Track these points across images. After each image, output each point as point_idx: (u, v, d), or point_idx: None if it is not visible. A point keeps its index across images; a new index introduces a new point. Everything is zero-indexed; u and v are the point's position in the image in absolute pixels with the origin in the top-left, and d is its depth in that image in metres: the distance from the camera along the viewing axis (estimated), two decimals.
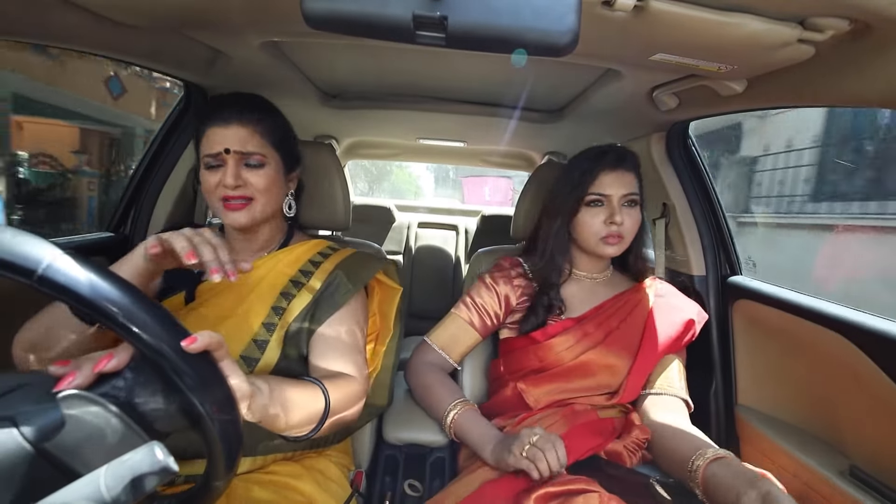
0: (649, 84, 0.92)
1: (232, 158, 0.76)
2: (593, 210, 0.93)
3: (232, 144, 0.75)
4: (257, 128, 0.78)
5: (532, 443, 0.71)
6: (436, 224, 2.66)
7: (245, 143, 0.76)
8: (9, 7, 0.62)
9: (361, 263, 0.89)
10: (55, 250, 0.38)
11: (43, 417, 0.36)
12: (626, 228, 0.92)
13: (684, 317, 0.97)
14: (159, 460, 0.36)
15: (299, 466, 0.77)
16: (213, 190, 0.76)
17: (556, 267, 0.97)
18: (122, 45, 0.80)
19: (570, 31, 0.40)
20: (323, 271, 0.84)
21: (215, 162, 0.77)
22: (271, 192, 0.80)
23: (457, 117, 1.41)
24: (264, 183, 0.78)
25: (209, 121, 0.77)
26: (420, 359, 0.99)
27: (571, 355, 0.92)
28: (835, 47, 0.59)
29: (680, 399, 0.92)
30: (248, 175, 0.77)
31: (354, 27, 0.41)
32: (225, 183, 0.75)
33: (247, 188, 0.77)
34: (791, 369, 0.97)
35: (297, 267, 0.84)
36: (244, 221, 0.77)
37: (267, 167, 0.79)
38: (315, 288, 0.82)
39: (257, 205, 0.78)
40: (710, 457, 0.73)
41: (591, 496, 0.64)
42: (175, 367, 0.39)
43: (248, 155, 0.77)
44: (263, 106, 0.82)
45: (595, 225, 0.92)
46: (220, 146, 0.75)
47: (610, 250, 0.93)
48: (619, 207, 0.91)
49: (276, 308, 0.79)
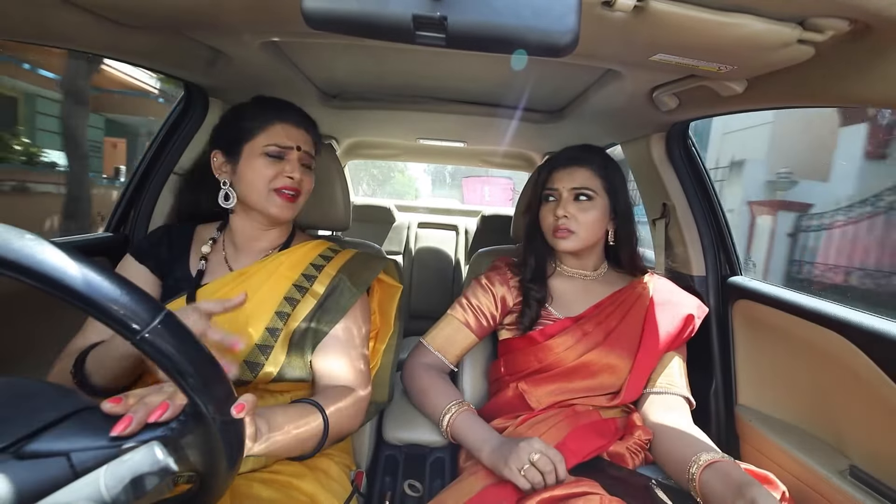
0: (649, 84, 0.92)
1: (296, 156, 0.83)
2: (548, 205, 0.98)
3: (303, 144, 0.84)
4: (314, 138, 0.89)
5: (533, 462, 0.70)
6: (436, 224, 2.66)
7: (309, 146, 0.87)
8: (9, 7, 0.62)
9: (364, 265, 0.90)
10: (159, 312, 0.37)
11: (98, 459, 0.37)
12: (578, 223, 0.94)
13: (683, 312, 0.97)
14: (159, 460, 0.37)
15: (302, 466, 0.77)
16: (270, 179, 0.81)
17: (536, 261, 1.01)
18: (122, 46, 0.80)
19: (570, 31, 0.39)
20: (326, 275, 0.86)
21: (280, 154, 0.82)
22: (308, 196, 0.88)
23: (457, 117, 1.41)
24: (310, 185, 0.88)
25: (282, 117, 0.84)
26: (416, 360, 0.99)
27: (572, 356, 0.92)
28: (835, 48, 0.59)
29: (682, 397, 0.92)
30: (303, 174, 0.84)
31: (354, 27, 0.41)
32: (292, 175, 0.82)
33: (300, 184, 0.84)
34: (791, 369, 0.97)
35: (300, 270, 0.85)
36: (290, 214, 0.84)
37: (312, 173, 0.88)
38: (319, 293, 0.84)
39: (300, 202, 0.86)
40: (702, 464, 0.73)
41: (592, 498, 0.64)
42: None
43: (309, 157, 0.87)
44: (314, 122, 0.91)
45: (548, 219, 0.97)
46: (293, 142, 0.83)
47: (561, 244, 0.95)
48: (568, 201, 0.94)
49: (281, 313, 0.80)
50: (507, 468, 0.71)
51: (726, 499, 0.67)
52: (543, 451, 0.71)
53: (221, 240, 0.90)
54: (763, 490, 0.65)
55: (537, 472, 0.69)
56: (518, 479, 0.70)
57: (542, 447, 0.72)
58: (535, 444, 0.72)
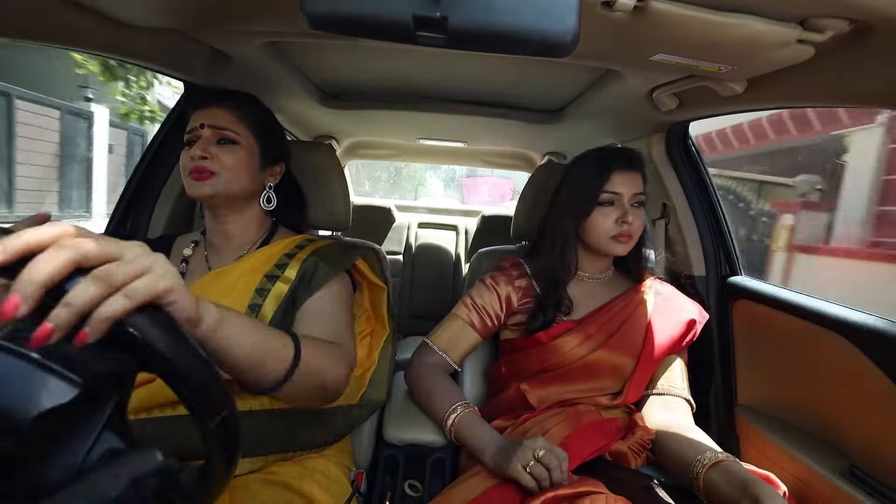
0: (649, 84, 0.92)
1: (205, 133, 0.79)
2: (605, 209, 0.93)
3: (208, 120, 0.80)
4: (234, 111, 0.82)
5: (538, 458, 0.70)
6: (436, 224, 2.66)
7: (219, 120, 0.80)
8: (9, 7, 0.62)
9: (341, 250, 0.88)
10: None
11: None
12: (635, 228, 0.93)
13: (686, 317, 0.97)
14: (159, 461, 0.36)
15: (300, 467, 0.77)
16: (185, 165, 0.79)
17: (566, 266, 0.97)
18: (122, 45, 0.80)
19: (571, 31, 0.40)
20: (297, 260, 0.83)
21: (192, 138, 0.80)
22: (239, 173, 0.81)
23: (457, 117, 1.41)
24: (233, 161, 0.80)
25: (194, 105, 0.83)
26: (420, 360, 0.99)
27: (575, 357, 0.92)
28: (835, 48, 0.59)
29: (683, 399, 0.92)
30: (217, 150, 0.79)
31: (355, 27, 0.41)
32: (192, 154, 0.78)
33: (213, 162, 0.78)
34: (791, 369, 0.97)
35: (273, 262, 0.83)
36: (207, 192, 0.78)
37: (238, 147, 0.81)
38: (290, 278, 0.81)
39: (220, 180, 0.79)
40: (707, 463, 0.73)
41: (597, 498, 0.64)
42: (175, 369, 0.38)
43: (221, 131, 0.80)
44: (246, 96, 0.86)
45: (606, 224, 0.93)
46: (197, 122, 0.80)
47: (620, 249, 0.94)
48: (629, 207, 0.92)
49: (253, 306, 0.78)
50: (512, 467, 0.71)
51: (731, 497, 0.67)
52: (548, 447, 0.71)
53: (203, 242, 0.89)
54: (768, 488, 0.65)
55: (543, 468, 0.69)
56: (523, 476, 0.70)
57: (547, 444, 0.72)
58: (539, 441, 0.72)
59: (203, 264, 0.85)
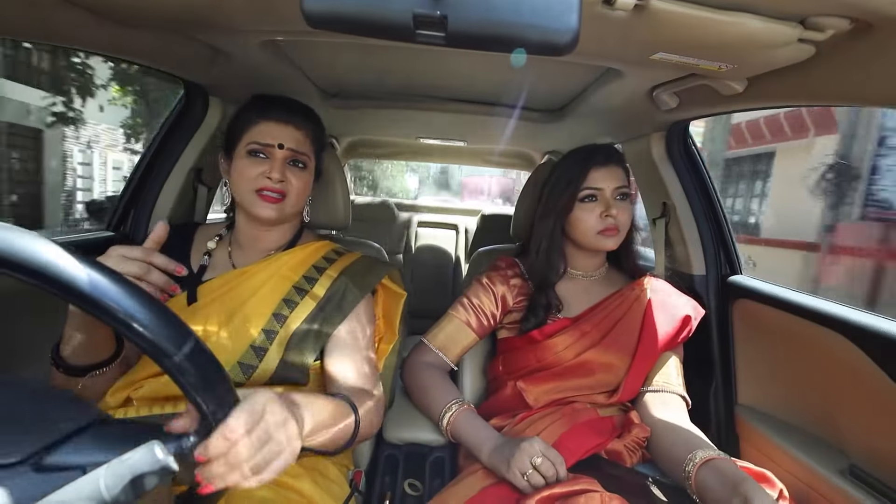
0: (649, 83, 0.92)
1: (281, 154, 0.80)
2: (588, 205, 0.94)
3: (287, 141, 0.81)
4: (309, 133, 0.84)
5: (535, 466, 0.70)
6: (436, 223, 2.66)
7: (299, 143, 0.82)
8: (9, 6, 0.62)
9: (367, 269, 0.89)
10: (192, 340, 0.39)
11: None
12: (622, 221, 0.94)
13: (681, 313, 0.97)
14: (159, 460, 0.36)
15: (299, 466, 0.77)
16: (252, 179, 0.79)
17: (552, 265, 0.98)
18: (122, 45, 0.80)
19: (571, 30, 0.39)
20: (327, 278, 0.85)
21: (262, 153, 0.80)
22: (302, 195, 0.84)
23: (457, 116, 1.40)
24: (302, 185, 0.83)
25: (265, 114, 0.81)
26: (417, 359, 0.99)
27: (570, 355, 0.92)
28: (835, 47, 0.59)
29: (678, 396, 0.92)
30: (290, 174, 0.81)
31: (355, 26, 0.41)
32: (270, 175, 0.79)
33: (286, 185, 0.80)
34: (791, 369, 0.97)
35: (301, 272, 0.84)
36: (275, 216, 0.80)
37: (307, 171, 0.84)
38: (319, 295, 0.82)
39: (288, 203, 0.81)
40: (698, 461, 0.73)
41: (592, 496, 0.64)
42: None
43: (298, 155, 0.82)
44: (315, 116, 0.88)
45: (591, 220, 0.94)
46: (274, 140, 0.80)
47: (608, 243, 0.94)
48: (613, 200, 0.93)
49: (278, 315, 0.79)
50: (510, 472, 0.71)
51: (722, 496, 0.67)
52: (545, 452, 0.71)
53: (228, 237, 0.89)
54: (757, 486, 0.65)
55: (540, 476, 0.69)
56: (520, 482, 0.70)
57: (543, 448, 0.72)
58: (536, 444, 0.72)
59: (226, 260, 0.86)
